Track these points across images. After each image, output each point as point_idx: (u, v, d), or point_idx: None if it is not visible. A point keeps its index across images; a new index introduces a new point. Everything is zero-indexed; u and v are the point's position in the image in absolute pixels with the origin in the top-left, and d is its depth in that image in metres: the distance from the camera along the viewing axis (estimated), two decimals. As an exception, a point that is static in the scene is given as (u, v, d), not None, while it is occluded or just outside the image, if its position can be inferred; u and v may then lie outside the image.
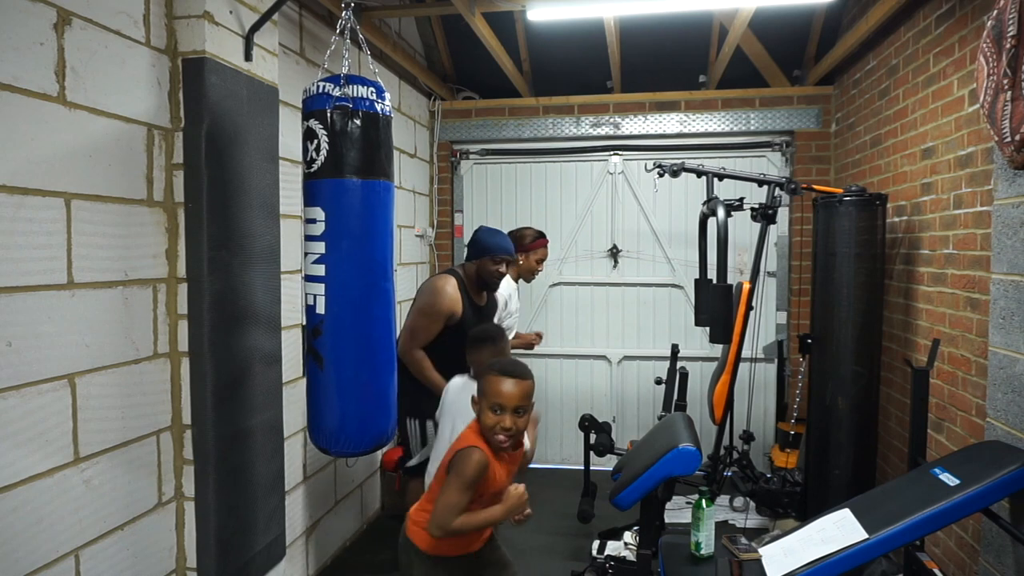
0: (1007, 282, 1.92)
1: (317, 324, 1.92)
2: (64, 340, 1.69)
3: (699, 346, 4.36)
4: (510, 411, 1.81)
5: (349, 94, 1.84)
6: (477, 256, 2.92)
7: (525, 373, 1.87)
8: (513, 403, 1.81)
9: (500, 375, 1.83)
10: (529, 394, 1.85)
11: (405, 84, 4.06)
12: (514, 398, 1.81)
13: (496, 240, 2.95)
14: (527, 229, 3.56)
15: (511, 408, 1.81)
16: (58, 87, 1.66)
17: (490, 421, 1.81)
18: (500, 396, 1.81)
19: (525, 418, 1.86)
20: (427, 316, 2.81)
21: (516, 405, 1.82)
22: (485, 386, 1.85)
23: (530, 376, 1.88)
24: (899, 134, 3.11)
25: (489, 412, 1.82)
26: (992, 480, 1.74)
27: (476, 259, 2.93)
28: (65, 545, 1.70)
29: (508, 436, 1.81)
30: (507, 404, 1.80)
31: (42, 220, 1.63)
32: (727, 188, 3.90)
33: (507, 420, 1.80)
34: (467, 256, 3.00)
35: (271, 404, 2.35)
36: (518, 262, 3.43)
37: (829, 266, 3.01)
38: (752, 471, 3.43)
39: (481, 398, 1.86)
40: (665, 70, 4.31)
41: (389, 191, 1.96)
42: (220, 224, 2.06)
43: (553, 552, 3.29)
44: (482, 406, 1.85)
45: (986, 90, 1.88)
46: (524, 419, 1.85)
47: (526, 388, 1.84)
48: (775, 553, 1.97)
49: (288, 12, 2.72)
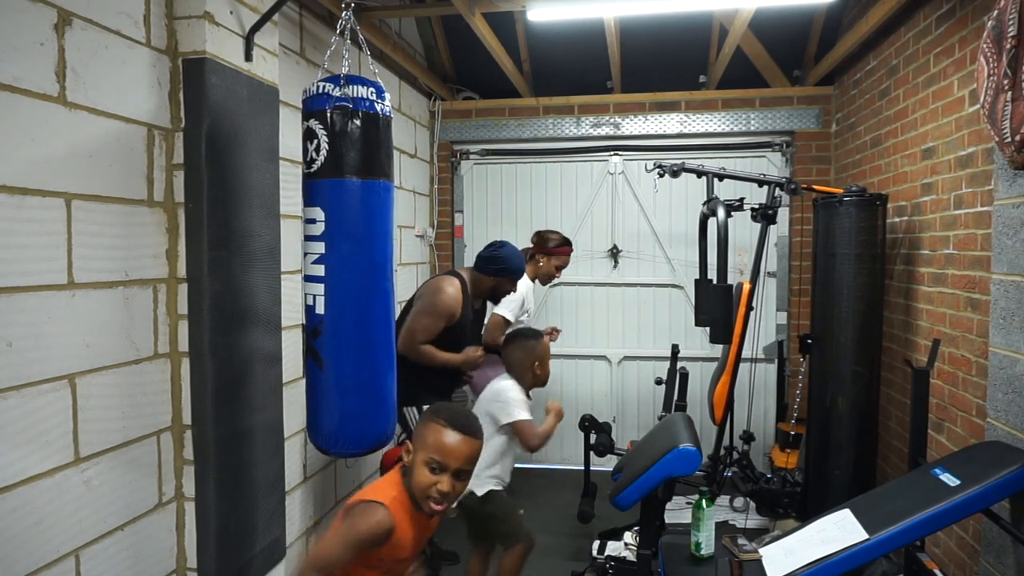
0: (1007, 282, 1.92)
1: (317, 324, 1.92)
2: (64, 340, 1.69)
3: (699, 346, 4.36)
4: (451, 473, 1.51)
5: (349, 94, 1.84)
6: (500, 274, 2.94)
7: (477, 431, 1.58)
8: (456, 463, 1.51)
9: (448, 427, 1.53)
10: (475, 457, 1.56)
11: (405, 84, 4.06)
12: (459, 458, 1.51)
13: (522, 263, 3.04)
14: (554, 233, 3.62)
15: (453, 469, 1.51)
16: (58, 87, 1.66)
17: (424, 481, 1.51)
18: (443, 452, 1.50)
19: (464, 483, 1.56)
20: (429, 316, 2.82)
21: (459, 467, 1.52)
22: (426, 436, 1.54)
23: (481, 435, 1.60)
24: (899, 134, 3.11)
25: (425, 469, 1.51)
26: (993, 480, 1.74)
27: (498, 276, 2.94)
28: (65, 545, 1.69)
29: (442, 503, 1.51)
30: (449, 464, 1.50)
31: (42, 220, 1.63)
32: (727, 188, 3.89)
33: (445, 483, 1.50)
34: (484, 267, 2.95)
35: (271, 404, 2.35)
36: (538, 263, 3.45)
37: (829, 266, 3.01)
38: (752, 471, 3.43)
39: (417, 448, 1.55)
40: (665, 70, 4.31)
41: (389, 191, 1.96)
42: (220, 224, 2.06)
43: (553, 552, 3.28)
44: (416, 459, 1.54)
45: (986, 90, 1.88)
46: (463, 485, 1.55)
47: (475, 449, 1.56)
48: (775, 553, 1.97)
49: (288, 12, 2.72)
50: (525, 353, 2.51)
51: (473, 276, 2.97)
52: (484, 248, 3.00)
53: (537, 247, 3.58)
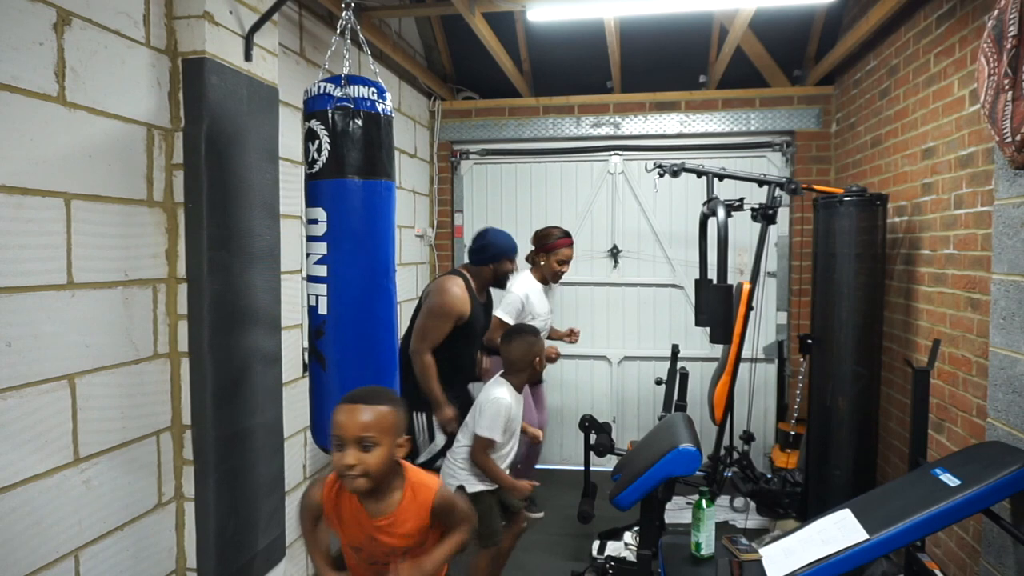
0: (1008, 282, 1.92)
1: (319, 324, 1.92)
2: (64, 340, 1.69)
3: (699, 346, 4.36)
4: (351, 443, 1.48)
5: (350, 94, 1.84)
6: (495, 259, 2.98)
7: (371, 397, 1.53)
8: (353, 432, 1.48)
9: (342, 403, 1.53)
10: (378, 423, 1.50)
11: (405, 84, 4.06)
12: (352, 426, 1.48)
13: (511, 242, 3.07)
14: (550, 229, 3.49)
15: (351, 439, 1.48)
16: (58, 87, 1.66)
17: (334, 460, 1.50)
18: (337, 426, 1.50)
19: (377, 453, 1.49)
20: (437, 317, 2.83)
21: (358, 435, 1.48)
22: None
23: (385, 401, 1.54)
24: (899, 134, 3.11)
25: (334, 451, 1.51)
26: (993, 481, 1.74)
27: (494, 262, 2.98)
28: (65, 545, 1.69)
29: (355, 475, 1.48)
30: (344, 435, 1.48)
31: (42, 220, 1.62)
32: (727, 188, 3.89)
33: (348, 456, 1.47)
34: (477, 259, 3.00)
35: (271, 404, 2.35)
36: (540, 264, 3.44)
37: (829, 266, 3.01)
38: (752, 471, 3.43)
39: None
40: (665, 70, 4.31)
41: (390, 191, 1.96)
42: (220, 224, 2.06)
43: (553, 552, 3.28)
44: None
45: (987, 90, 1.87)
46: (376, 454, 1.49)
47: (373, 415, 1.50)
48: (775, 553, 1.97)
49: (288, 12, 2.71)
50: (526, 349, 2.51)
51: (472, 271, 3.01)
52: (471, 243, 3.07)
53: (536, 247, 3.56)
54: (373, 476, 1.50)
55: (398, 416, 1.55)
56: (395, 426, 1.54)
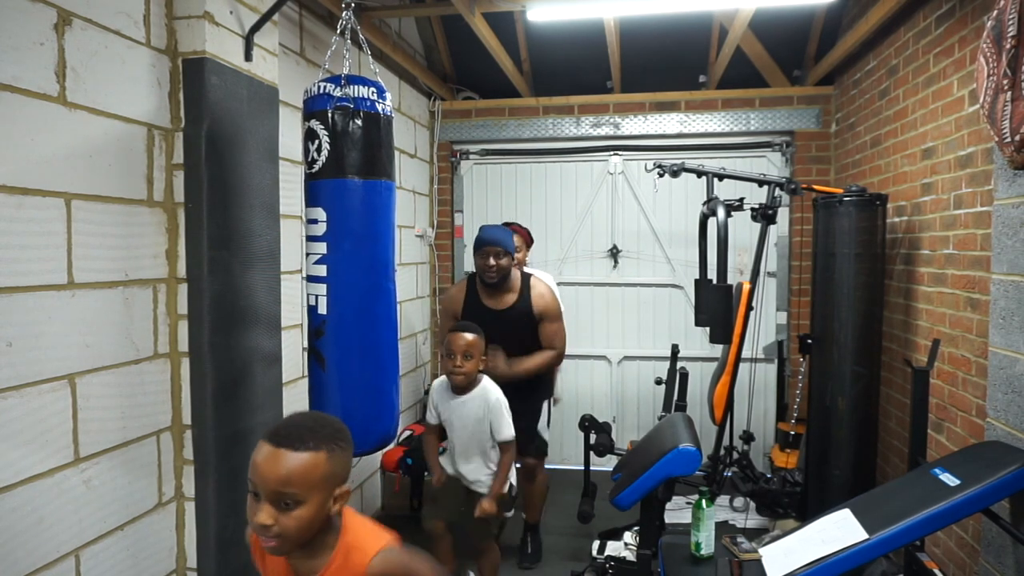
0: (1007, 282, 1.92)
1: (319, 324, 1.92)
2: (64, 340, 1.69)
3: (699, 346, 4.36)
4: (267, 497, 1.13)
5: (350, 94, 1.84)
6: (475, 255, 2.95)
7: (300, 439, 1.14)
8: (269, 487, 1.12)
9: (263, 438, 1.17)
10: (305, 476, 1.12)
11: (405, 84, 4.06)
12: (270, 479, 1.12)
13: (481, 233, 2.89)
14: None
15: (267, 494, 1.12)
16: (58, 87, 1.66)
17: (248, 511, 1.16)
18: (252, 469, 1.15)
19: (300, 513, 1.13)
20: (442, 317, 2.96)
21: (274, 490, 1.12)
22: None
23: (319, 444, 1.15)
24: (899, 134, 3.11)
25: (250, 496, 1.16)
26: (992, 480, 1.74)
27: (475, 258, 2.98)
28: (65, 545, 1.70)
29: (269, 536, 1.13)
30: (260, 486, 1.13)
31: (42, 220, 1.63)
32: (727, 188, 3.89)
33: (262, 513, 1.12)
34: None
35: (271, 404, 2.35)
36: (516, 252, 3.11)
37: (829, 266, 3.01)
38: (752, 471, 3.43)
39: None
40: (665, 70, 4.31)
41: (391, 191, 1.97)
42: (220, 224, 2.06)
43: (553, 552, 3.28)
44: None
45: (986, 90, 1.88)
46: (298, 515, 1.13)
47: (297, 465, 1.12)
48: (775, 553, 1.97)
49: (288, 12, 2.71)
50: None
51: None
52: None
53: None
54: (292, 540, 1.15)
55: (334, 463, 1.17)
56: (328, 477, 1.16)
